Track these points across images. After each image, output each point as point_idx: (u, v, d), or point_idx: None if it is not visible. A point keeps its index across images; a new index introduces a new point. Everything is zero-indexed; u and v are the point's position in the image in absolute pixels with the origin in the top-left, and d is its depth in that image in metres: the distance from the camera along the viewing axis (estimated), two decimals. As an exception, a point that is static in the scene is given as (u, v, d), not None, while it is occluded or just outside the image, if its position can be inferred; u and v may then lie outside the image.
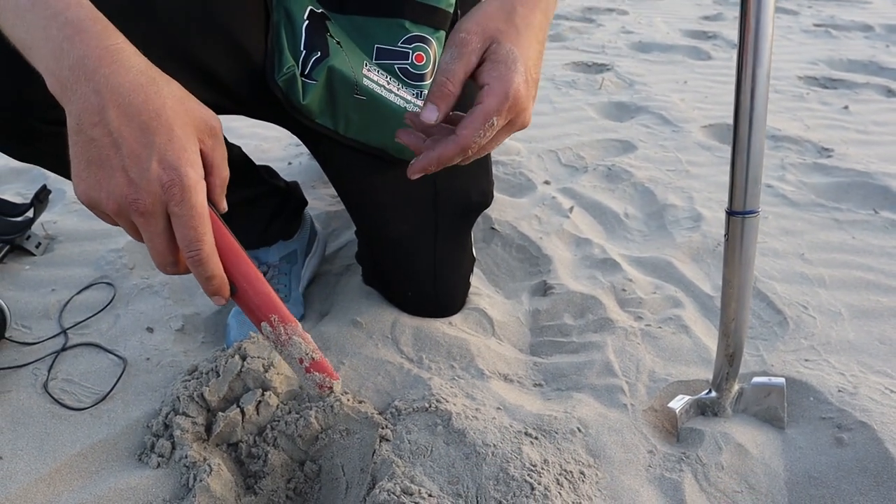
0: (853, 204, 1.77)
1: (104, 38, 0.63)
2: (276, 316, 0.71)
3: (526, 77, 0.75)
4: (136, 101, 0.63)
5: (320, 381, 0.74)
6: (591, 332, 1.25)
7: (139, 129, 0.63)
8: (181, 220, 0.63)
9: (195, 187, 0.63)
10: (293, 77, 0.93)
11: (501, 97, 0.73)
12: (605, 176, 1.91)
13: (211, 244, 0.66)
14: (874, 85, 2.81)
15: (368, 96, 0.98)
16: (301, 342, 0.73)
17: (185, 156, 0.64)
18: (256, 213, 1.22)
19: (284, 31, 0.95)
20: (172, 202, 0.63)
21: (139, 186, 0.62)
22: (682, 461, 0.97)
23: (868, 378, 1.13)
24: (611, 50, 3.30)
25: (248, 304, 0.71)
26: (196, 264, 0.65)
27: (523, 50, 0.75)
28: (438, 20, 1.00)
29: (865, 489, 0.93)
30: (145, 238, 0.65)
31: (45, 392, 1.08)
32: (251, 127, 2.23)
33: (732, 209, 0.90)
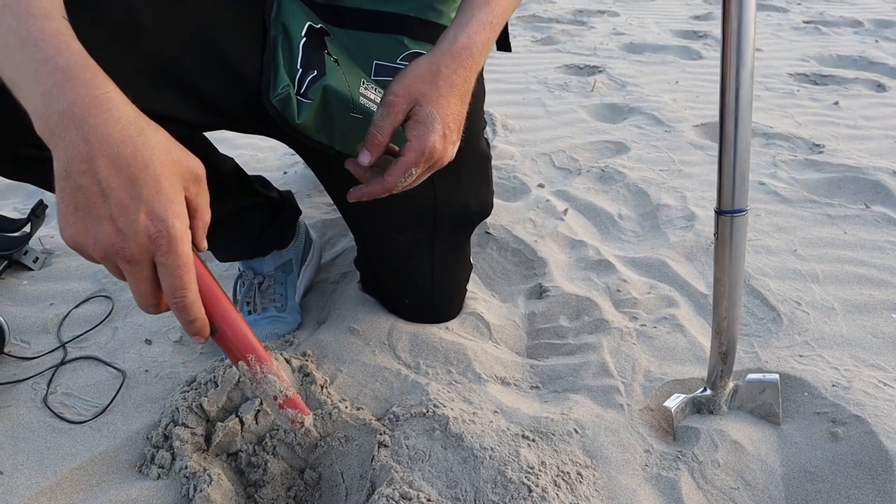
0: (845, 199, 1.78)
1: (94, 86, 0.64)
2: (253, 356, 0.74)
3: (443, 133, 0.87)
4: (124, 152, 0.64)
5: (292, 416, 0.78)
6: (587, 334, 1.26)
7: (128, 180, 0.64)
8: (167, 269, 0.65)
9: (181, 238, 0.65)
10: (288, 97, 0.92)
11: (419, 153, 0.85)
12: (599, 178, 1.92)
13: (195, 291, 0.68)
14: (864, 80, 2.82)
15: (365, 115, 0.98)
16: (276, 380, 0.76)
17: (172, 207, 0.65)
18: (248, 223, 1.22)
19: (281, 48, 0.94)
20: (159, 252, 0.64)
21: (127, 236, 0.64)
22: (679, 459, 0.98)
23: (862, 372, 1.14)
24: (602, 52, 3.32)
25: (226, 343, 0.74)
26: (180, 310, 0.67)
27: (442, 109, 0.87)
28: (438, 36, 1.01)
29: (861, 482, 0.94)
30: (130, 282, 0.67)
31: (45, 406, 1.09)
32: (246, 137, 2.24)
33: (721, 208, 0.91)
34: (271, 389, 0.76)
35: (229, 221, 1.18)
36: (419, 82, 0.87)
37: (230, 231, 1.20)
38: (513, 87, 2.77)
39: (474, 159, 1.19)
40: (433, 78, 0.87)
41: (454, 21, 0.91)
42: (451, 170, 1.14)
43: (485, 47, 0.91)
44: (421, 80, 0.87)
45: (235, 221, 1.19)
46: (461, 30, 0.89)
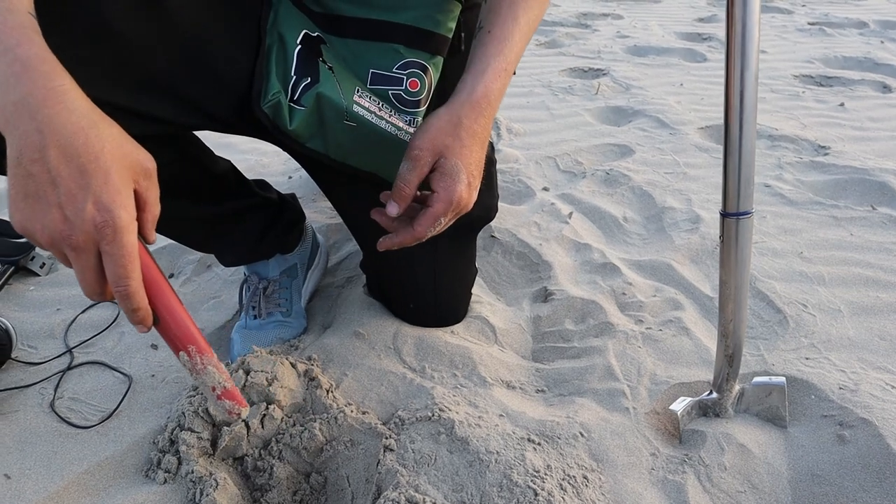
0: (851, 201, 1.78)
1: (50, 78, 0.66)
2: (194, 347, 0.76)
3: (468, 182, 0.92)
4: (76, 143, 0.66)
5: (230, 407, 0.80)
6: (592, 337, 1.26)
7: (77, 170, 0.66)
8: (112, 258, 0.67)
9: (127, 228, 0.67)
10: (279, 104, 0.93)
11: (447, 203, 0.91)
12: (604, 181, 1.92)
13: (138, 280, 0.70)
14: (869, 81, 2.82)
15: (358, 123, 0.98)
16: (215, 372, 0.78)
17: (119, 199, 0.68)
18: (248, 225, 1.21)
19: (276, 55, 0.94)
20: (104, 242, 0.67)
21: (74, 224, 0.66)
22: (685, 463, 0.97)
23: (869, 374, 1.13)
24: (606, 55, 3.32)
25: (168, 334, 0.76)
26: (123, 298, 0.69)
27: (465, 159, 0.92)
28: (435, 45, 1.00)
29: (868, 486, 0.93)
30: (76, 270, 0.69)
31: (52, 411, 1.10)
32: (251, 142, 2.25)
33: (726, 211, 0.91)
34: (210, 381, 0.78)
35: (227, 223, 1.18)
36: (442, 134, 0.91)
37: (229, 233, 1.20)
38: (517, 91, 2.77)
39: None
40: (455, 129, 0.92)
41: (469, 68, 0.94)
42: None
43: (501, 93, 0.95)
44: (443, 132, 0.92)
45: (234, 223, 1.19)
46: (478, 79, 0.93)
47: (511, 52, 0.95)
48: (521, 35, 0.96)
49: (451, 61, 1.07)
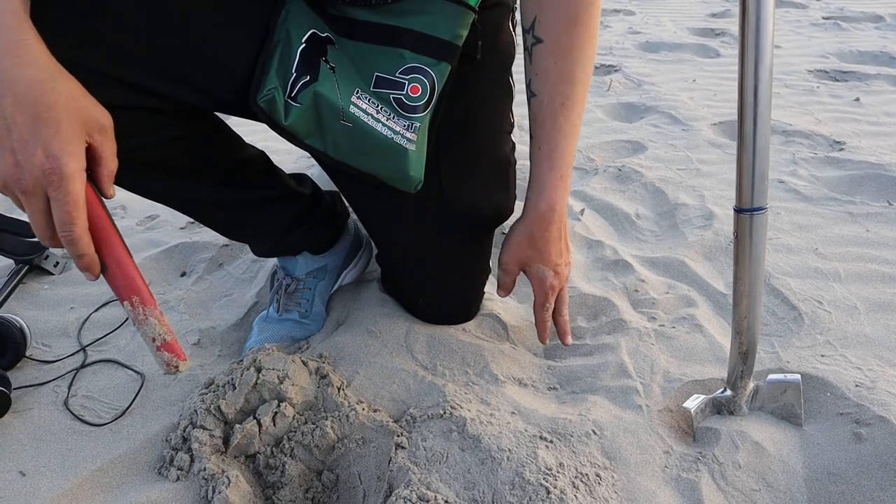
0: (867, 196, 1.76)
1: (15, 32, 0.72)
2: (137, 297, 0.80)
3: (555, 273, 1.11)
4: (32, 93, 0.72)
5: (168, 359, 0.83)
6: (605, 334, 1.25)
7: (31, 118, 0.71)
8: (57, 203, 0.72)
9: (73, 176, 0.72)
10: (273, 99, 0.94)
11: (543, 295, 1.12)
12: (616, 177, 1.91)
13: (83, 227, 0.74)
14: (885, 75, 2.79)
15: (354, 124, 0.98)
16: (156, 324, 0.82)
17: (68, 148, 0.73)
18: (274, 216, 1.20)
19: (280, 52, 0.95)
20: (51, 187, 0.72)
21: (24, 169, 0.71)
22: (699, 461, 0.97)
23: (886, 372, 1.12)
24: (618, 51, 3.30)
25: (114, 283, 0.80)
26: (68, 243, 0.74)
27: (546, 260, 1.10)
28: (442, 52, 1.00)
29: (886, 485, 0.92)
30: (27, 213, 0.74)
31: (66, 409, 1.10)
32: (263, 141, 2.25)
33: (740, 206, 0.90)
34: (151, 332, 0.82)
35: (253, 210, 1.17)
36: (521, 249, 1.10)
37: (255, 221, 1.19)
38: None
39: (492, 163, 1.18)
40: (532, 242, 1.09)
41: (531, 184, 1.07)
42: (462, 171, 1.14)
43: (564, 198, 1.07)
44: (522, 246, 1.10)
45: (260, 211, 1.18)
46: (541, 196, 1.06)
47: (562, 160, 1.04)
48: (567, 141, 1.04)
49: (467, 69, 1.08)
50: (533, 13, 1.00)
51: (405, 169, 1.03)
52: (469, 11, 1.01)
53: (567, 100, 1.03)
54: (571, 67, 1.01)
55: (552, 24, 0.99)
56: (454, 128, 1.11)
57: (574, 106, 1.04)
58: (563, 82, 1.02)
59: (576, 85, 1.02)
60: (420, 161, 1.05)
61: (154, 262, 1.54)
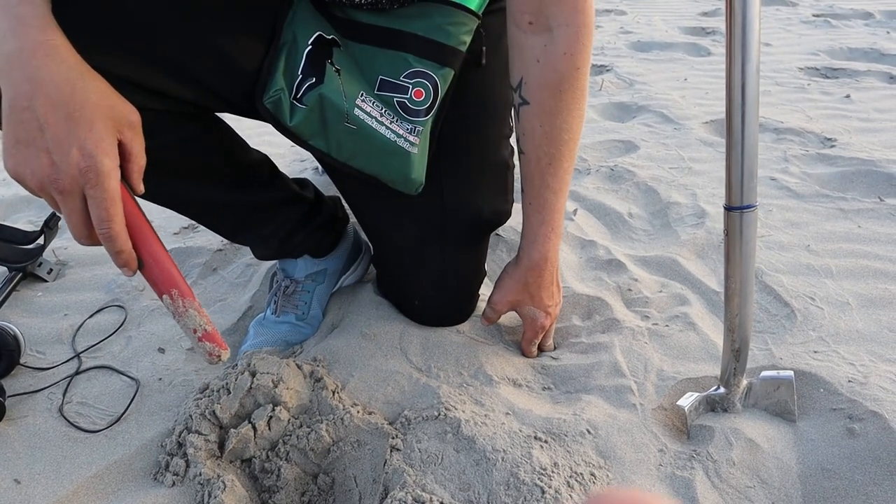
0: (858, 193, 1.76)
1: (42, 32, 0.73)
2: (176, 290, 0.81)
3: (546, 313, 1.17)
4: (63, 92, 0.72)
5: (210, 349, 0.84)
6: (599, 333, 1.25)
7: (64, 118, 0.72)
8: (95, 201, 0.73)
9: (109, 173, 0.73)
10: (279, 100, 0.95)
11: (533, 332, 1.19)
12: (609, 177, 1.92)
13: (120, 223, 0.75)
14: (876, 72, 2.80)
15: (358, 126, 0.99)
16: (196, 315, 0.83)
17: (102, 146, 0.73)
18: (278, 221, 1.19)
19: (286, 53, 0.96)
20: (88, 185, 0.72)
21: (60, 168, 0.72)
22: (693, 458, 0.97)
23: (878, 367, 1.12)
24: (610, 51, 3.31)
25: (152, 277, 0.81)
26: (106, 240, 0.75)
27: (538, 303, 1.16)
28: (445, 57, 1.01)
29: (879, 479, 0.93)
30: (64, 213, 0.74)
31: (61, 416, 1.10)
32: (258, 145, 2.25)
33: (730, 204, 0.91)
34: (191, 323, 0.82)
35: (257, 214, 1.17)
36: (513, 293, 1.16)
37: (259, 226, 1.19)
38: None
39: (491, 168, 1.19)
40: (525, 288, 1.15)
41: (523, 236, 1.13)
42: (462, 175, 1.15)
43: (556, 249, 1.13)
44: (514, 291, 1.16)
45: (264, 215, 1.18)
46: (532, 248, 1.11)
47: (552, 214, 1.09)
48: (555, 196, 1.07)
49: (473, 73, 1.10)
50: (519, 74, 1.01)
51: (407, 172, 1.04)
52: (473, 17, 1.02)
53: (554, 159, 1.04)
54: (558, 131, 1.02)
55: (537, 88, 1.00)
56: (455, 132, 1.12)
57: (562, 163, 1.05)
58: (549, 143, 1.03)
59: (562, 145, 1.03)
60: (422, 164, 1.05)
61: (148, 267, 1.54)
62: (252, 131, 1.80)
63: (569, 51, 0.96)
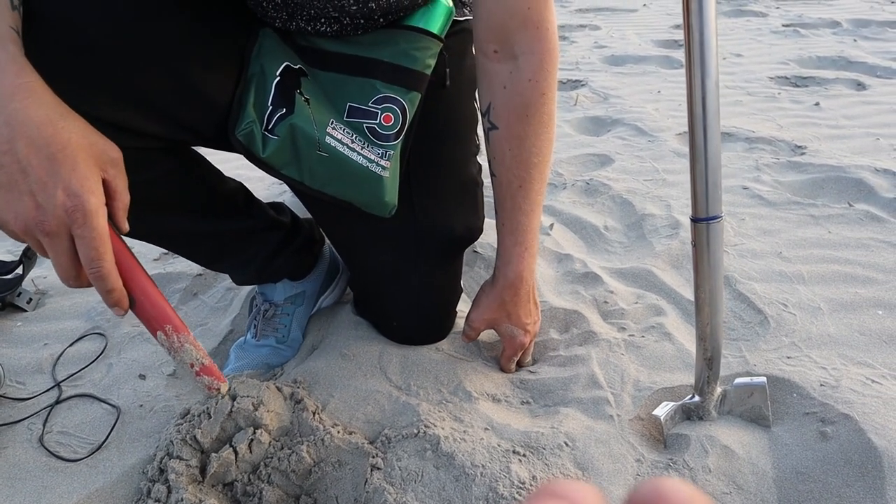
0: (828, 199, 1.80)
1: (18, 75, 0.72)
2: (170, 326, 0.80)
3: (524, 331, 1.18)
4: (44, 133, 0.72)
5: (209, 383, 0.85)
6: (576, 346, 1.27)
7: (46, 159, 0.71)
8: (84, 241, 0.72)
9: (96, 212, 0.73)
10: (252, 132, 0.96)
11: (512, 350, 1.20)
12: (584, 191, 1.94)
13: (111, 262, 0.74)
14: (844, 80, 2.86)
15: (330, 154, 1.00)
16: (192, 349, 0.82)
17: (88, 184, 0.73)
18: (256, 248, 1.20)
19: (255, 85, 0.97)
20: (75, 225, 0.72)
21: (45, 210, 0.71)
22: (670, 467, 0.98)
23: (849, 370, 1.15)
24: (584, 65, 3.35)
25: (144, 315, 0.79)
26: (97, 279, 0.74)
27: (515, 321, 1.17)
28: (412, 81, 1.03)
29: (851, 481, 0.94)
30: (51, 255, 0.73)
31: (41, 446, 1.10)
32: (236, 169, 2.26)
33: (696, 216, 0.93)
34: (188, 358, 0.82)
35: (235, 242, 1.18)
36: (489, 311, 1.16)
37: (237, 253, 1.20)
38: (497, 105, 2.78)
39: (461, 185, 1.21)
40: (501, 307, 1.15)
41: (498, 255, 1.13)
42: (433, 194, 1.16)
43: (531, 267, 1.13)
44: (490, 310, 1.16)
45: (242, 243, 1.19)
46: (507, 268, 1.12)
47: (525, 235, 1.09)
48: (527, 218, 1.08)
49: (437, 94, 1.12)
50: (488, 100, 1.03)
51: (380, 195, 1.05)
52: (436, 41, 1.04)
53: (525, 182, 1.05)
54: (527, 154, 1.04)
55: (505, 114, 1.02)
56: (423, 152, 1.14)
57: (532, 185, 1.06)
58: (518, 167, 1.04)
59: (532, 168, 1.05)
60: (394, 187, 1.07)
61: (127, 294, 1.54)
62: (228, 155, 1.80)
63: (533, 77, 0.99)
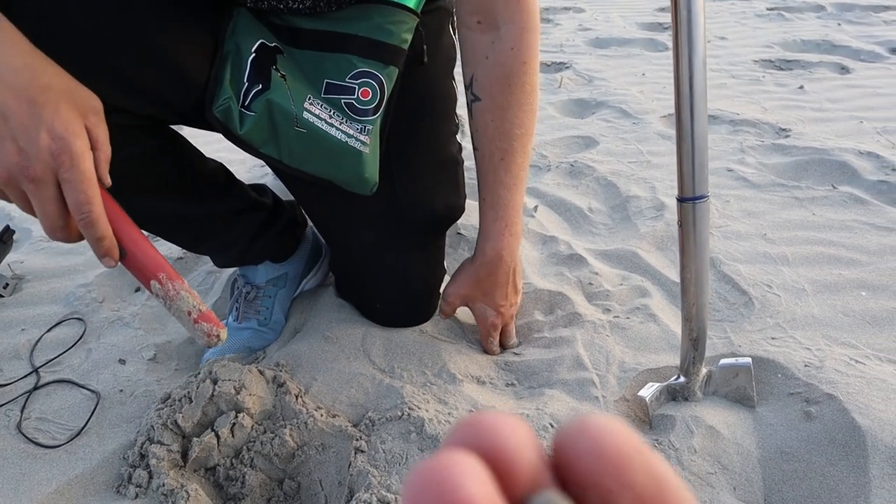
0: (812, 181, 1.80)
1: None
2: (164, 274, 0.77)
3: (497, 312, 1.17)
4: (22, 78, 0.69)
5: (208, 330, 0.81)
6: (561, 328, 1.26)
7: (27, 103, 0.69)
8: (71, 184, 0.69)
9: (83, 155, 0.70)
10: (229, 108, 0.95)
11: (485, 329, 1.20)
12: (569, 173, 1.93)
13: (100, 207, 0.72)
14: (828, 63, 2.86)
15: (309, 130, 0.99)
16: (188, 296, 0.79)
17: (72, 127, 0.70)
18: (237, 229, 1.19)
19: (231, 63, 0.96)
20: (62, 169, 0.69)
21: (29, 155, 0.68)
22: (655, 448, 0.98)
23: (833, 350, 1.15)
24: (569, 48, 3.33)
25: (136, 265, 0.77)
26: (87, 225, 0.71)
27: (490, 301, 1.16)
28: (389, 55, 1.01)
29: (835, 460, 0.95)
30: (36, 205, 0.71)
31: (19, 432, 1.08)
32: (217, 152, 2.23)
33: (682, 196, 0.92)
34: (185, 305, 0.79)
35: (216, 224, 1.16)
36: (465, 288, 1.16)
37: (218, 235, 1.18)
38: (481, 88, 2.77)
39: (441, 163, 1.20)
40: (477, 284, 1.15)
41: (479, 233, 1.12)
42: (413, 172, 1.15)
43: (511, 245, 1.11)
44: (466, 286, 1.16)
45: (223, 225, 1.17)
46: (486, 244, 1.11)
47: (506, 210, 1.08)
48: (509, 193, 1.07)
49: (415, 72, 1.10)
50: (471, 71, 1.04)
51: (360, 171, 1.04)
52: (412, 15, 1.03)
53: (507, 154, 1.06)
54: (509, 126, 1.04)
55: (487, 84, 1.03)
56: (402, 131, 1.12)
57: (514, 159, 1.06)
58: (501, 139, 1.05)
59: (514, 140, 1.05)
60: (374, 163, 1.05)
61: (108, 278, 1.51)
62: (208, 139, 1.78)
63: (515, 46, 1.00)
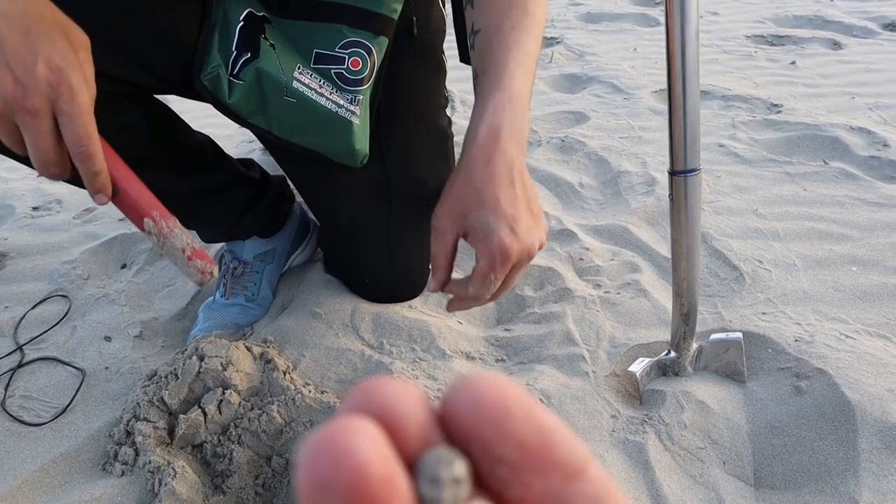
0: (803, 157, 1.79)
1: None
2: (157, 212, 0.77)
3: (507, 227, 0.79)
4: (16, 5, 0.66)
5: (202, 266, 0.80)
6: (552, 303, 1.25)
7: (21, 31, 0.66)
8: (70, 117, 0.67)
9: (81, 87, 0.68)
10: (218, 76, 0.93)
11: (489, 258, 0.80)
12: (559, 148, 1.91)
13: (98, 142, 0.70)
14: (820, 39, 2.84)
15: (298, 99, 0.97)
16: (181, 234, 0.79)
17: (69, 59, 0.68)
18: (224, 204, 1.17)
19: (218, 31, 0.94)
20: (61, 100, 0.67)
21: (27, 86, 0.65)
22: (646, 423, 0.98)
23: (824, 325, 1.15)
24: (560, 23, 3.30)
25: (129, 203, 0.76)
26: (85, 159, 0.69)
27: (491, 206, 0.80)
28: (379, 25, 0.99)
29: (825, 434, 0.95)
30: (30, 138, 0.68)
31: (3, 410, 1.07)
32: (204, 127, 2.20)
33: (674, 169, 0.91)
34: (179, 243, 0.79)
35: (203, 198, 1.15)
36: (457, 193, 0.84)
37: (205, 210, 1.17)
38: (472, 63, 2.74)
39: (431, 136, 1.18)
40: (469, 181, 0.82)
41: (472, 115, 0.86)
42: (403, 145, 1.14)
43: (514, 125, 0.83)
44: (458, 189, 0.83)
45: (210, 198, 1.15)
46: (480, 120, 0.83)
47: (512, 82, 0.84)
48: (517, 66, 0.85)
49: (405, 44, 1.08)
50: None
51: (350, 142, 1.02)
52: None
53: (518, 24, 0.87)
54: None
55: None
56: (392, 103, 1.11)
57: (527, 36, 0.86)
58: (513, 8, 0.87)
59: (527, 15, 0.87)
60: (364, 134, 1.04)
61: (93, 255, 1.50)
62: (196, 113, 1.75)
63: None
